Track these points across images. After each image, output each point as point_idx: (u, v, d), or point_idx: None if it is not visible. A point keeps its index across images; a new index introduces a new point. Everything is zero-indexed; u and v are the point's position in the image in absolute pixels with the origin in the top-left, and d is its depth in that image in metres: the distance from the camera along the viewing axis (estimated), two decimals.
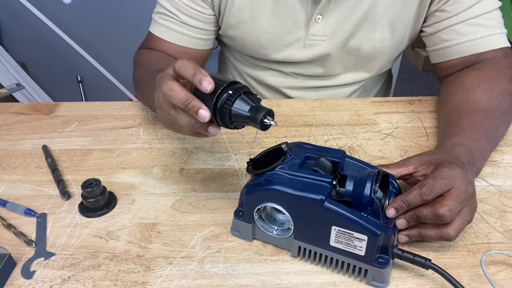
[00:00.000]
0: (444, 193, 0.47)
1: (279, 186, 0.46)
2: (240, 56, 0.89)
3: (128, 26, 1.95)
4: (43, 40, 1.98)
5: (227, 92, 0.44)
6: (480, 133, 0.59)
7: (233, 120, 0.45)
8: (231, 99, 0.44)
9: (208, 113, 0.44)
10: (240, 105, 0.45)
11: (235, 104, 0.44)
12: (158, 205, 0.59)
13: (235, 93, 0.45)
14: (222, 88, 0.45)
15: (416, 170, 0.53)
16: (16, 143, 0.72)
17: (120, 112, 0.80)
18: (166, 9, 0.77)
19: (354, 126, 0.74)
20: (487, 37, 0.70)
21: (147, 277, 0.49)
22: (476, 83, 0.67)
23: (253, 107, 0.44)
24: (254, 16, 0.75)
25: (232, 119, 0.45)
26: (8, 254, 0.49)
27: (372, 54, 0.78)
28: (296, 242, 0.49)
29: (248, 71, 0.89)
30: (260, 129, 0.45)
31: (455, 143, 0.58)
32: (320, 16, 0.74)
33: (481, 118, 0.62)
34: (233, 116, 0.45)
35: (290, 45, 0.78)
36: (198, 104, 0.44)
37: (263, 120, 0.44)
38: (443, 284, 0.47)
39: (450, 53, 0.73)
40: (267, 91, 0.91)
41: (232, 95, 0.44)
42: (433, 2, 0.71)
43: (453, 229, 0.47)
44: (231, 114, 0.45)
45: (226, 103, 0.44)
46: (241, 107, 0.44)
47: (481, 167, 0.59)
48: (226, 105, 0.44)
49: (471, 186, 0.49)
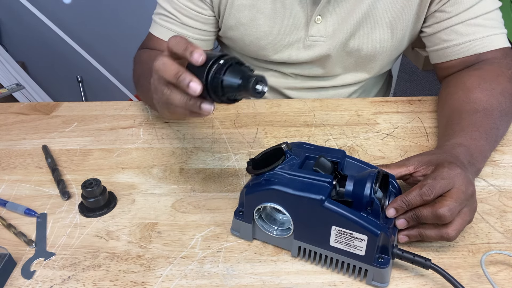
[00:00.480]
0: (444, 193, 0.47)
1: (279, 186, 0.46)
2: (240, 56, 0.89)
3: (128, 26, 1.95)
4: (43, 40, 1.98)
5: (218, 63, 0.44)
6: (480, 133, 0.59)
7: (226, 91, 0.45)
8: (222, 68, 0.44)
9: (199, 85, 0.43)
10: (231, 75, 0.44)
11: (226, 74, 0.44)
12: (158, 205, 0.59)
13: (226, 63, 0.44)
14: (213, 59, 0.44)
15: (416, 170, 0.53)
16: (16, 143, 0.72)
17: (120, 112, 0.80)
18: (166, 10, 0.77)
19: (354, 126, 0.74)
20: (487, 37, 0.70)
21: (147, 277, 0.49)
22: (476, 83, 0.67)
23: (244, 76, 0.44)
24: (254, 17, 0.75)
25: (224, 90, 0.44)
26: (8, 254, 0.49)
27: (372, 54, 0.78)
28: (296, 242, 0.49)
29: None
30: (253, 96, 0.44)
31: (455, 143, 0.58)
32: (320, 17, 0.74)
33: (481, 118, 0.62)
34: (225, 86, 0.44)
35: (289, 46, 0.78)
36: (189, 77, 0.44)
37: (254, 87, 0.43)
38: (443, 284, 0.47)
39: (450, 53, 0.73)
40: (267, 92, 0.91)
41: (223, 64, 0.44)
42: (433, 3, 0.71)
43: (453, 229, 0.47)
44: (222, 85, 0.44)
45: (217, 73, 0.44)
46: (232, 77, 0.44)
47: (481, 167, 0.59)
48: (217, 74, 0.44)
49: (471, 186, 0.49)
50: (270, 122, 0.76)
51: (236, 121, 0.76)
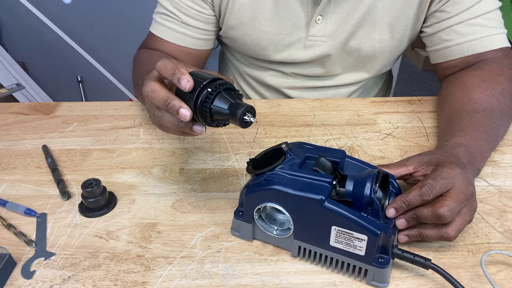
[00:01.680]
0: (444, 193, 0.47)
1: (279, 186, 0.46)
2: (241, 56, 0.89)
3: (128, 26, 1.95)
4: (43, 40, 1.98)
5: (206, 90, 0.44)
6: (480, 133, 0.59)
7: (214, 118, 0.45)
8: (210, 97, 0.44)
9: (189, 112, 0.44)
10: (220, 103, 0.44)
11: (215, 102, 0.44)
12: (158, 205, 0.59)
13: (214, 91, 0.44)
14: (201, 86, 0.44)
15: (416, 170, 0.53)
16: (16, 143, 0.72)
17: (120, 112, 0.80)
18: (166, 9, 0.77)
19: (354, 126, 0.74)
20: (487, 37, 0.70)
21: (147, 277, 0.49)
22: (477, 83, 0.67)
23: (233, 104, 0.44)
24: (255, 17, 0.75)
25: (214, 117, 0.45)
26: (8, 254, 0.49)
27: (372, 54, 0.78)
28: (296, 242, 0.49)
29: (249, 71, 0.89)
30: (240, 126, 0.44)
31: (455, 143, 0.58)
32: (320, 17, 0.74)
33: (481, 118, 0.62)
34: (214, 113, 0.44)
35: (290, 45, 0.79)
36: (178, 104, 0.44)
37: (242, 117, 0.43)
38: (443, 284, 0.47)
39: (450, 53, 0.73)
40: (267, 91, 0.91)
41: (211, 92, 0.44)
42: (433, 3, 0.71)
43: (453, 229, 0.47)
44: (211, 112, 0.44)
45: (205, 101, 0.44)
46: (221, 105, 0.44)
47: (481, 167, 0.59)
48: (205, 103, 0.44)
49: (471, 186, 0.49)
50: (270, 122, 0.76)
51: None
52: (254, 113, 0.44)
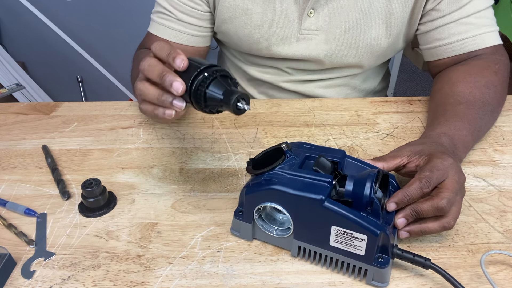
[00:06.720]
0: (439, 184, 0.49)
1: (279, 186, 0.46)
2: (237, 53, 0.89)
3: (128, 26, 1.95)
4: (43, 40, 1.98)
5: (203, 74, 0.44)
6: (463, 123, 0.62)
7: (208, 103, 0.45)
8: (206, 81, 0.44)
9: (182, 85, 0.44)
10: (215, 88, 0.44)
11: (210, 87, 0.44)
12: (158, 205, 0.59)
13: (211, 75, 0.44)
14: (199, 70, 0.44)
15: (410, 161, 0.54)
16: (16, 143, 0.72)
17: (120, 112, 0.80)
18: (163, 7, 0.77)
19: (354, 126, 0.74)
20: (478, 36, 0.71)
21: (147, 277, 0.49)
22: (461, 77, 0.70)
23: (228, 91, 0.44)
24: (246, 10, 0.76)
25: (207, 102, 0.45)
26: (8, 254, 0.49)
27: (368, 51, 0.79)
28: (296, 242, 0.49)
29: (245, 68, 0.90)
30: (234, 113, 0.44)
31: (440, 132, 0.60)
32: (312, 10, 0.74)
33: (464, 109, 0.65)
34: (208, 99, 0.44)
35: (283, 39, 0.79)
36: (173, 77, 0.44)
37: (236, 104, 0.43)
38: (443, 284, 0.47)
39: (443, 52, 0.75)
40: (264, 87, 0.91)
41: (208, 77, 0.44)
42: (429, 1, 0.72)
43: (452, 217, 0.48)
44: (205, 97, 0.44)
45: (201, 85, 0.44)
46: (216, 90, 0.44)
47: (463, 157, 0.61)
48: (200, 87, 0.44)
49: (462, 175, 0.51)
50: (270, 122, 0.76)
51: (236, 121, 0.76)
52: (248, 100, 0.44)
